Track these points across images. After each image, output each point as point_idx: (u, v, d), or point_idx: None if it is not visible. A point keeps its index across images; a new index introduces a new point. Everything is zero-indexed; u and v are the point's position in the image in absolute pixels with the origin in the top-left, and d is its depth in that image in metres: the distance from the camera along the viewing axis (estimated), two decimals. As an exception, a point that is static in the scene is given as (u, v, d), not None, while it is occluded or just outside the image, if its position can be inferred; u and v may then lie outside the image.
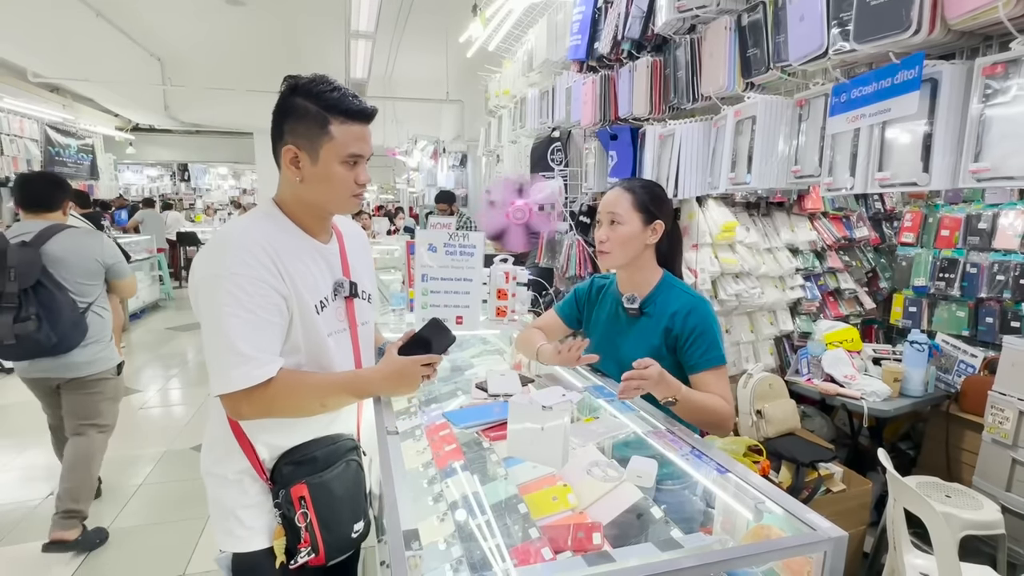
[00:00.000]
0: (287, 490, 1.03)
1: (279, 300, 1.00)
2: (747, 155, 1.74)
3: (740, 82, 1.81)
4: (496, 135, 4.37)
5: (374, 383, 1.10)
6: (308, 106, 1.00)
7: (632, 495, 0.98)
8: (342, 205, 1.07)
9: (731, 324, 2.57)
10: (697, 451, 1.02)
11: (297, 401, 1.02)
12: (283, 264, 1.00)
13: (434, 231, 1.89)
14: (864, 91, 1.36)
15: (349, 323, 1.14)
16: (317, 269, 1.08)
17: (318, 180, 1.03)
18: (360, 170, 1.05)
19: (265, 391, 0.97)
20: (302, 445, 1.07)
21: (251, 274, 0.96)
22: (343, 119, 1.01)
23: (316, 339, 1.06)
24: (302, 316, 1.03)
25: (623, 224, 1.32)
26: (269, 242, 1.00)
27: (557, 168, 2.99)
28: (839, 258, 3.00)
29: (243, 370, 0.95)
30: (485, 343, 2.10)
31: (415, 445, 1.24)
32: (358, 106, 1.02)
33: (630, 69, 2.34)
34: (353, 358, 1.15)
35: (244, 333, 0.95)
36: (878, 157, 1.34)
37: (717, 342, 1.29)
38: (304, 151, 1.02)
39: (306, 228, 1.09)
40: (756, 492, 0.89)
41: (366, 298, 1.20)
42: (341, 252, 1.16)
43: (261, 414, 1.00)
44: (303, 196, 1.06)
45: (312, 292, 1.05)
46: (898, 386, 2.24)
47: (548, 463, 1.01)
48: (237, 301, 0.95)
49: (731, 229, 2.47)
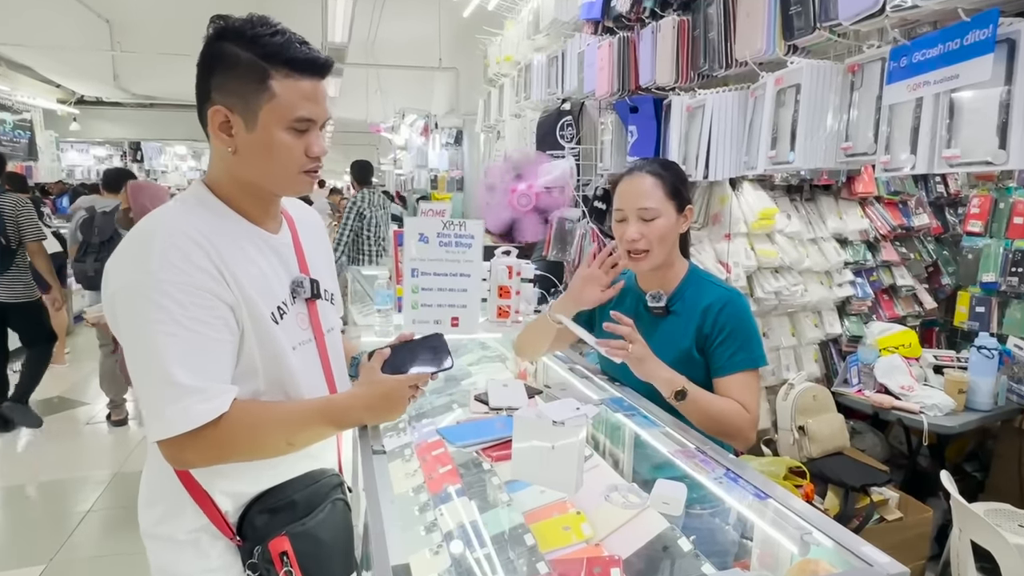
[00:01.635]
0: (264, 546, 0.94)
1: (225, 311, 0.89)
2: (789, 130, 1.73)
3: (781, 45, 1.79)
4: (497, 108, 4.36)
5: (354, 412, 1.03)
6: (241, 54, 0.88)
7: (656, 524, 0.98)
8: (289, 184, 0.97)
9: (769, 327, 2.56)
10: (732, 473, 1.02)
11: (258, 441, 0.92)
12: (225, 263, 0.90)
13: (425, 218, 1.88)
14: (928, 54, 1.35)
15: (314, 332, 1.05)
16: (268, 266, 0.98)
17: (256, 152, 0.92)
18: (312, 139, 0.94)
19: (216, 431, 0.86)
20: (275, 488, 0.99)
21: (184, 279, 0.85)
22: (288, 72, 0.89)
23: (276, 356, 0.96)
24: (256, 329, 0.93)
25: (660, 217, 1.31)
26: (204, 235, 0.89)
27: (568, 146, 2.98)
28: (895, 250, 2.99)
29: (183, 405, 0.83)
30: (485, 348, 2.09)
31: (404, 466, 1.25)
32: (307, 54, 0.91)
33: (653, 30, 2.33)
34: (323, 376, 1.06)
35: (182, 357, 0.84)
36: (945, 132, 1.33)
37: (751, 342, 1.29)
38: (237, 114, 0.90)
39: (248, 215, 0.99)
40: (800, 521, 0.88)
41: (329, 299, 1.11)
42: (295, 243, 1.06)
43: (213, 460, 0.90)
44: (238, 173, 0.96)
45: (266, 297, 0.95)
46: (963, 398, 2.23)
47: (559, 487, 1.01)
48: (169, 315, 0.84)
49: (770, 216, 2.46)
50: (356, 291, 3.46)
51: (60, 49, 6.62)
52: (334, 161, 19.73)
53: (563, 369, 1.65)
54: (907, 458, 2.44)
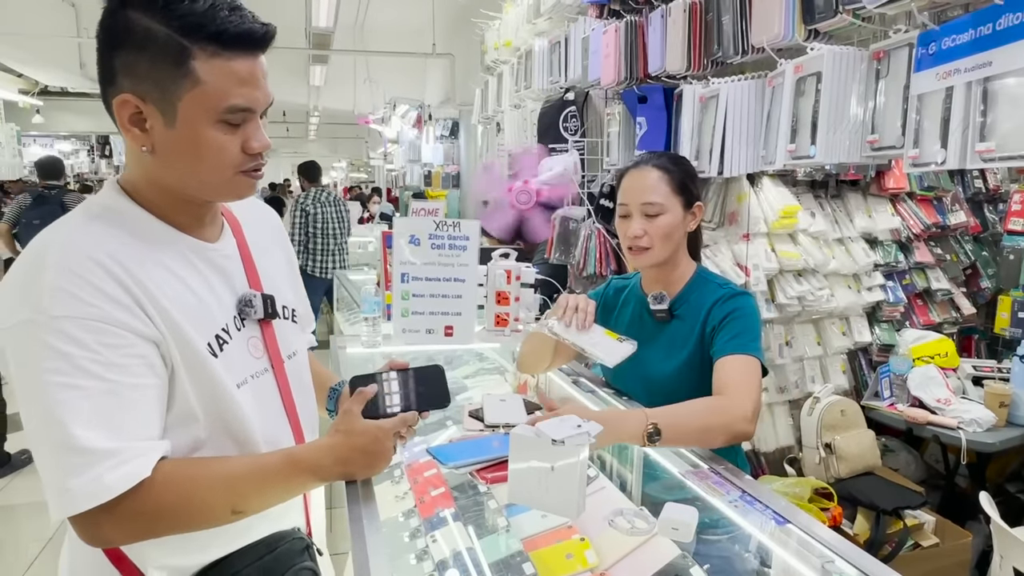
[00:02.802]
0: None
1: (144, 348, 0.78)
2: (811, 121, 1.74)
3: (801, 29, 1.81)
4: (495, 98, 4.38)
5: (323, 469, 0.89)
6: (153, 27, 0.75)
7: (667, 552, 0.98)
8: (223, 189, 0.85)
9: (793, 335, 2.56)
10: (748, 496, 1.02)
11: (195, 509, 0.80)
12: (143, 288, 0.78)
13: (417, 218, 1.90)
14: (959, 40, 1.36)
15: (271, 359, 0.93)
16: (202, 285, 0.86)
17: (179, 152, 0.80)
18: (251, 131, 0.82)
19: (137, 501, 0.74)
20: (222, 562, 0.87)
21: (87, 313, 0.73)
22: (215, 49, 0.76)
23: (216, 397, 0.84)
24: (188, 366, 0.81)
25: (664, 213, 1.33)
26: (111, 254, 0.77)
27: (572, 139, 2.99)
28: (929, 251, 2.99)
29: (90, 476, 0.72)
30: (482, 360, 2.10)
31: (393, 488, 1.25)
32: (240, 25, 0.77)
33: (663, 14, 2.34)
34: (284, 414, 0.95)
35: (87, 414, 0.72)
36: (978, 123, 1.34)
37: (752, 331, 1.28)
38: (152, 104, 0.78)
39: (175, 222, 0.86)
40: (824, 548, 0.89)
41: (289, 316, 1.00)
42: (242, 252, 0.94)
43: (138, 536, 0.80)
44: (159, 176, 0.84)
45: (200, 324, 0.83)
46: (1005, 412, 2.23)
47: (560, 511, 1.00)
48: (69, 363, 0.72)
49: (792, 215, 2.47)
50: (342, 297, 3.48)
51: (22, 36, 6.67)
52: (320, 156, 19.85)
53: (566, 382, 1.66)
54: (944, 478, 2.44)
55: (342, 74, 9.06)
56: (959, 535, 2.08)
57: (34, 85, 10.01)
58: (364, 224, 7.02)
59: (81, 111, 12.17)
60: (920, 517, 2.07)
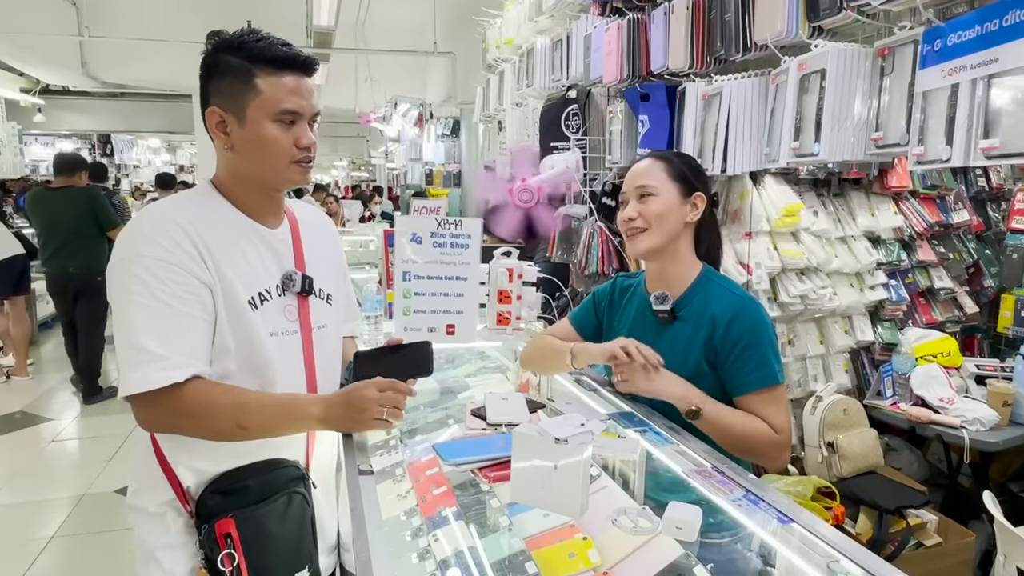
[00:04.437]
0: (211, 525, 1.05)
1: (200, 290, 1.05)
2: (814, 119, 1.74)
3: (805, 26, 1.80)
4: (496, 96, 4.38)
5: (312, 408, 1.11)
6: (230, 60, 1.07)
7: (670, 551, 0.98)
8: (281, 175, 1.12)
9: (795, 334, 2.56)
10: (752, 495, 1.02)
11: (208, 420, 1.04)
12: (208, 248, 1.06)
13: (419, 217, 1.89)
14: (964, 36, 1.36)
15: (301, 325, 1.18)
16: (257, 256, 1.13)
17: (249, 145, 1.09)
18: (300, 131, 1.11)
19: (169, 400, 1.01)
20: (233, 471, 1.10)
21: (165, 257, 1.02)
22: (271, 70, 1.07)
23: (251, 340, 1.09)
24: (230, 311, 1.07)
25: (657, 195, 1.33)
26: (191, 221, 1.06)
27: (573, 137, 2.99)
28: (932, 249, 2.98)
29: (144, 371, 0.99)
30: (483, 358, 2.10)
31: (395, 487, 1.25)
32: (287, 53, 1.08)
33: (665, 11, 2.34)
34: (304, 368, 1.18)
35: (151, 326, 1.00)
36: (982, 121, 1.33)
37: (769, 356, 1.29)
38: (230, 112, 1.09)
39: (248, 210, 1.15)
40: (827, 547, 0.88)
41: (324, 298, 1.24)
42: (294, 240, 1.21)
43: (166, 427, 1.06)
44: (237, 168, 1.13)
45: (247, 283, 1.10)
46: (1008, 411, 2.23)
47: (563, 510, 1.01)
48: (147, 288, 1.00)
49: (794, 213, 2.46)
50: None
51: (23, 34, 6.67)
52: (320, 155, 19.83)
53: (569, 381, 1.66)
54: (947, 477, 2.43)
55: (343, 73, 9.06)
56: (962, 534, 2.07)
57: (35, 84, 10.00)
58: (366, 223, 7.02)
59: (82, 110, 12.17)
60: (923, 516, 2.06)
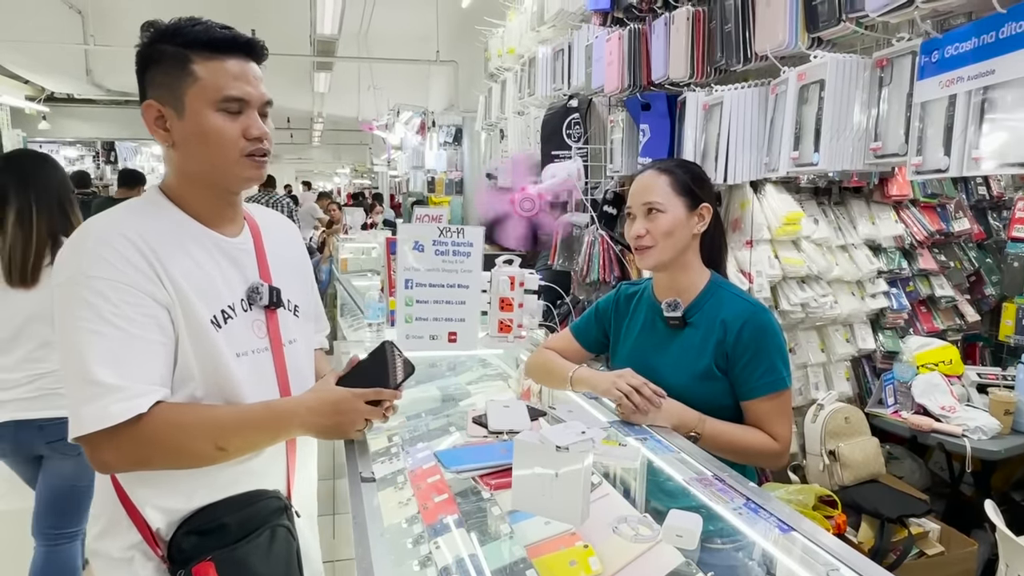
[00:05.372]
0: (187, 570, 0.94)
1: (157, 311, 0.94)
2: (814, 129, 1.75)
3: (804, 37, 1.82)
4: (498, 105, 4.41)
5: (297, 418, 1.03)
6: (166, 48, 0.97)
7: (671, 559, 0.98)
8: (231, 170, 1.00)
9: (796, 341, 2.56)
10: (753, 503, 1.02)
11: (184, 442, 0.94)
12: (162, 263, 0.95)
13: (420, 225, 1.90)
14: (961, 48, 1.37)
15: (271, 341, 1.08)
16: (216, 269, 1.02)
17: (191, 140, 0.98)
18: (249, 120, 0.99)
19: (134, 430, 0.89)
20: (207, 508, 0.99)
21: (114, 276, 0.91)
22: (209, 53, 0.97)
23: (215, 363, 0.99)
24: (192, 333, 0.97)
25: (664, 212, 1.35)
26: (141, 234, 0.95)
27: (575, 145, 3.00)
28: (933, 257, 2.98)
29: (99, 404, 0.88)
30: (485, 366, 2.10)
31: (397, 495, 1.25)
32: (227, 35, 0.98)
33: (666, 22, 2.35)
34: (278, 388, 1.08)
35: (103, 355, 0.89)
36: (980, 131, 1.34)
37: (778, 362, 1.32)
38: (168, 106, 0.98)
39: (202, 217, 1.04)
40: (828, 556, 0.88)
41: (292, 310, 1.14)
42: (257, 248, 1.10)
43: (133, 464, 0.95)
44: (183, 167, 1.02)
45: (208, 300, 0.99)
46: (1010, 420, 2.23)
47: (564, 518, 1.01)
48: (95, 312, 0.90)
49: (795, 221, 2.47)
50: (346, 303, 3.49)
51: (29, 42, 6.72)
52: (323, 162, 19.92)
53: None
54: (949, 486, 2.43)
55: (346, 81, 9.11)
56: (964, 543, 2.07)
57: (40, 92, 10.07)
58: (368, 230, 7.04)
59: (87, 117, 12.24)
60: (925, 525, 2.06)
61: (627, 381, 1.30)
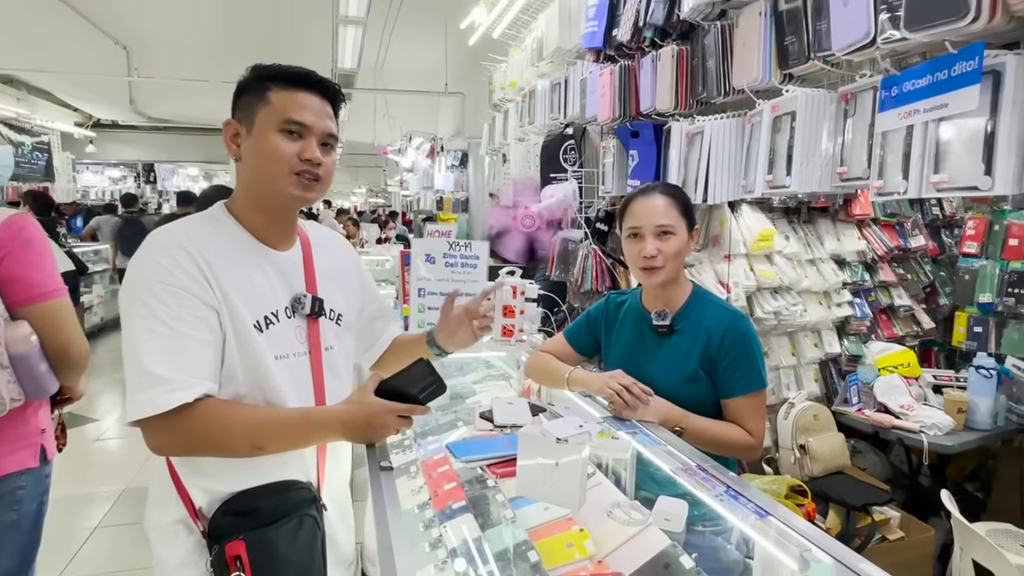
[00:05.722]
0: (221, 546, 0.95)
1: (206, 312, 0.96)
2: (786, 155, 1.76)
3: (777, 73, 1.83)
4: (501, 132, 4.42)
5: (330, 428, 1.02)
6: (251, 80, 1.03)
7: (659, 541, 0.98)
8: (278, 183, 1.01)
9: (770, 346, 2.56)
10: (733, 491, 1.02)
11: (221, 438, 0.95)
12: (213, 271, 0.97)
13: (432, 240, 1.91)
14: (917, 84, 1.38)
15: (310, 346, 1.08)
16: (264, 279, 1.03)
17: (252, 152, 1.01)
18: (307, 144, 1.01)
19: (180, 421, 0.91)
20: (245, 492, 1.00)
21: (169, 280, 0.94)
22: (284, 85, 1.01)
23: (257, 364, 0.99)
24: (237, 335, 0.98)
25: (676, 235, 1.34)
26: (196, 244, 0.97)
27: (571, 169, 3.02)
28: (892, 271, 2.99)
29: (150, 394, 0.90)
30: (489, 367, 2.10)
31: (410, 483, 1.25)
32: (303, 71, 1.03)
33: (653, 59, 2.37)
34: (313, 390, 1.08)
35: (157, 350, 0.91)
36: (933, 158, 1.35)
37: (756, 364, 1.33)
38: (243, 124, 1.02)
39: (257, 232, 1.05)
40: (800, 538, 0.88)
41: (335, 319, 1.14)
42: (306, 262, 1.11)
43: (179, 450, 0.97)
44: (244, 178, 1.05)
45: (252, 306, 1.00)
46: (963, 418, 2.22)
47: (562, 504, 1.01)
48: (151, 312, 0.92)
49: (768, 238, 2.48)
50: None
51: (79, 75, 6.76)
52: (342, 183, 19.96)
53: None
54: (908, 477, 2.42)
55: (364, 110, 9.15)
56: (922, 529, 2.06)
57: (88, 118, 10.11)
58: (382, 244, 7.05)
59: (129, 142, 12.29)
60: (886, 513, 2.05)
61: (618, 381, 1.30)
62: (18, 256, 1.37)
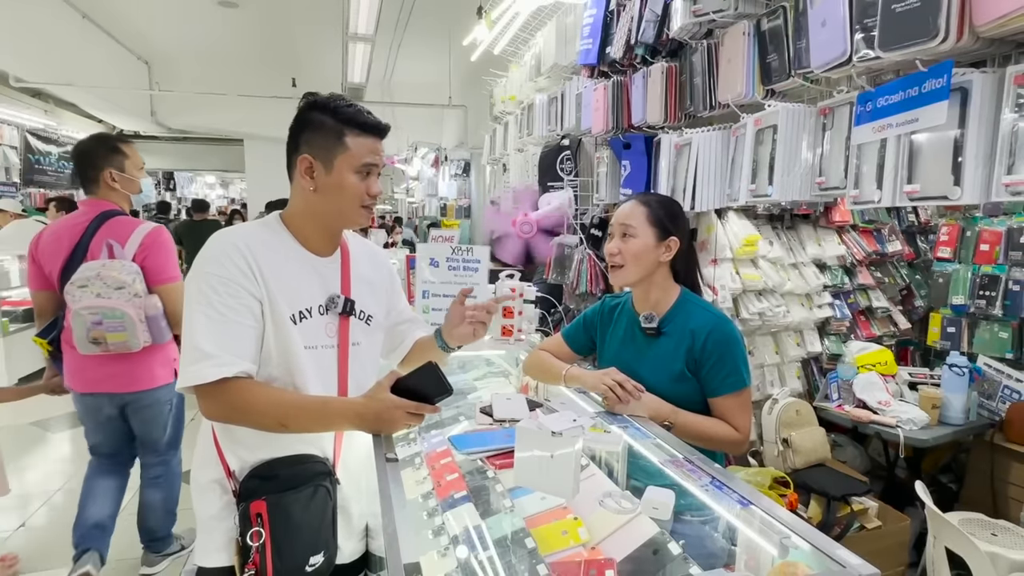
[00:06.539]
0: (247, 504, 1.06)
1: (252, 302, 1.06)
2: (768, 166, 1.77)
3: (760, 89, 1.85)
4: (502, 143, 4.44)
5: (345, 417, 1.10)
6: (325, 119, 1.10)
7: (648, 529, 0.99)
8: (352, 215, 1.14)
9: (754, 345, 2.57)
10: (718, 482, 1.03)
11: (254, 414, 1.05)
12: (260, 268, 1.07)
13: (436, 244, 1.92)
14: (891, 100, 1.39)
15: (339, 341, 1.17)
16: (305, 279, 1.13)
17: (331, 189, 1.12)
18: (372, 181, 1.14)
19: (221, 392, 1.02)
20: (269, 461, 1.10)
21: (223, 273, 1.04)
22: (358, 132, 1.11)
23: (287, 350, 1.09)
24: (275, 324, 1.08)
25: (636, 237, 1.36)
26: (248, 244, 1.08)
27: (567, 178, 3.03)
28: (870, 274, 3.00)
29: (198, 367, 1.00)
30: (489, 364, 2.11)
31: (415, 474, 1.26)
32: (372, 121, 1.13)
33: (644, 75, 2.39)
34: (337, 379, 1.17)
35: (207, 330, 1.02)
36: (906, 169, 1.36)
37: (739, 365, 1.33)
38: (319, 161, 1.11)
39: (306, 243, 1.16)
40: (782, 527, 0.89)
41: (364, 319, 1.22)
42: (343, 268, 1.20)
43: (221, 416, 1.07)
44: (315, 207, 1.14)
45: (291, 301, 1.10)
46: (937, 413, 2.23)
47: (557, 493, 1.02)
48: (206, 299, 1.03)
49: (753, 243, 2.49)
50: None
51: (103, 88, 6.78)
52: (351, 190, 19.87)
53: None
54: (885, 470, 2.43)
55: (372, 121, 9.12)
56: (899, 519, 2.06)
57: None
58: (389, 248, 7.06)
59: (150, 151, 12.26)
60: (865, 503, 2.06)
61: (612, 377, 1.31)
62: (156, 253, 1.97)
